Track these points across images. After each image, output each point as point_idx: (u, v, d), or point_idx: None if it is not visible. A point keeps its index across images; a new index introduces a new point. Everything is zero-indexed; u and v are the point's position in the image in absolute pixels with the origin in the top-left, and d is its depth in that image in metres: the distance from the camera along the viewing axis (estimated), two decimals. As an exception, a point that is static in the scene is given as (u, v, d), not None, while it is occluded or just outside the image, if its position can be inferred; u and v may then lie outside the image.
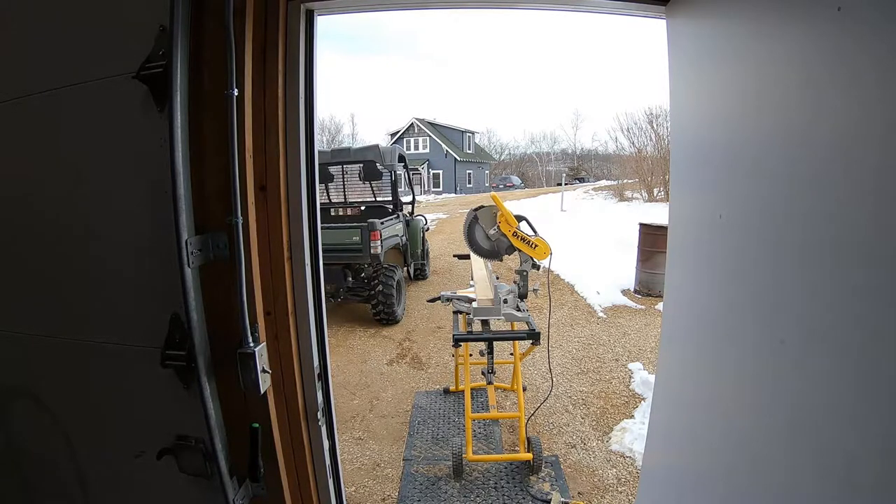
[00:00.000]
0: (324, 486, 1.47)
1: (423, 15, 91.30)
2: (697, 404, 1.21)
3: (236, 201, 1.10)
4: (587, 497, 2.50)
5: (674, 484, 1.35)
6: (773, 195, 0.84)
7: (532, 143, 46.32)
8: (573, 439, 3.05)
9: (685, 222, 1.33)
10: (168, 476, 1.19)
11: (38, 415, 1.32)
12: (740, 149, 0.96)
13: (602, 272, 6.62)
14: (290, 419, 1.36)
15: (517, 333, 2.81)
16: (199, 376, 1.09)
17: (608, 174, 29.14)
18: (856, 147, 0.64)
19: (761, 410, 0.87)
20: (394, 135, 32.35)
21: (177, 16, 0.99)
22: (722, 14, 1.04)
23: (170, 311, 1.11)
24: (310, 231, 1.35)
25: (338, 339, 5.06)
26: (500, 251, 2.69)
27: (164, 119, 1.01)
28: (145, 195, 1.09)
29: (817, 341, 0.71)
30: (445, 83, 72.99)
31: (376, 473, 2.79)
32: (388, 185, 6.58)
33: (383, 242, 5.24)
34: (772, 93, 0.84)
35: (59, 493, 1.39)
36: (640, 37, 59.63)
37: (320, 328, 1.41)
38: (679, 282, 1.38)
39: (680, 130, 1.33)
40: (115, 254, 1.17)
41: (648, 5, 1.32)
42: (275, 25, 1.21)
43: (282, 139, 1.25)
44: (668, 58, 1.32)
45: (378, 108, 71.01)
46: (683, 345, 1.33)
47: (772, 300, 0.84)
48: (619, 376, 3.91)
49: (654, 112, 16.58)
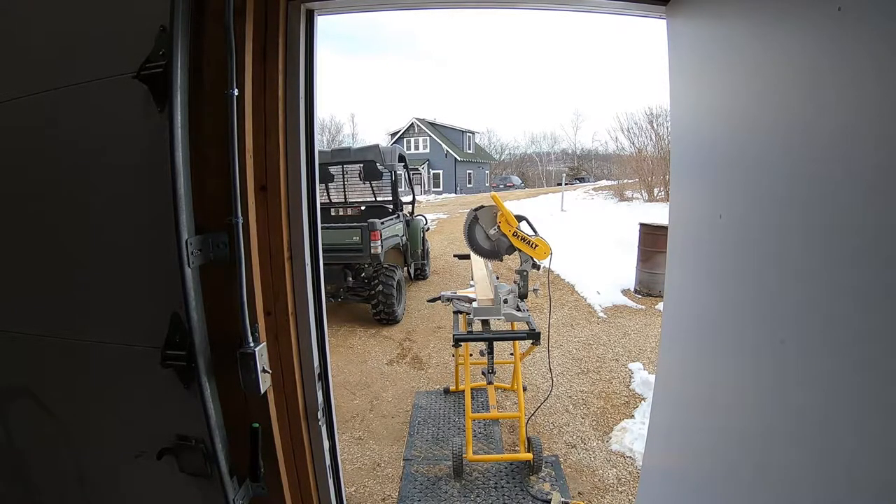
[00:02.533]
0: (324, 486, 1.47)
1: (422, 15, 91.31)
2: (697, 404, 1.21)
3: (236, 201, 1.10)
4: (587, 497, 2.50)
5: (674, 484, 1.35)
6: (773, 195, 0.84)
7: (532, 143, 46.43)
8: (573, 439, 3.05)
9: (685, 222, 1.33)
10: (168, 476, 1.19)
11: (37, 415, 1.32)
12: (740, 149, 0.96)
13: (602, 272, 6.62)
14: (291, 419, 1.36)
15: (517, 333, 2.81)
16: (200, 376, 1.09)
17: (608, 174, 29.13)
18: (856, 147, 0.64)
19: (761, 410, 0.87)
20: (394, 135, 32.35)
21: (177, 16, 0.99)
22: (722, 14, 1.04)
23: (170, 311, 1.11)
24: (310, 231, 1.35)
25: (338, 339, 5.06)
26: (501, 251, 2.69)
27: (164, 119, 1.01)
28: (145, 195, 1.09)
29: (817, 341, 0.71)
30: (445, 83, 73.12)
31: (376, 473, 2.79)
32: (388, 185, 6.59)
33: (383, 242, 5.24)
34: (772, 93, 0.83)
35: (60, 493, 1.39)
36: (640, 37, 59.66)
37: (320, 328, 1.41)
38: (679, 282, 1.38)
39: (680, 130, 1.33)
40: (115, 254, 1.17)
41: (648, 5, 1.32)
42: (275, 25, 1.21)
43: (282, 139, 1.25)
44: (668, 58, 1.32)
45: (378, 108, 71.11)
46: (683, 345, 1.33)
47: (772, 300, 0.84)
48: (619, 376, 3.91)
49: (654, 112, 16.62)
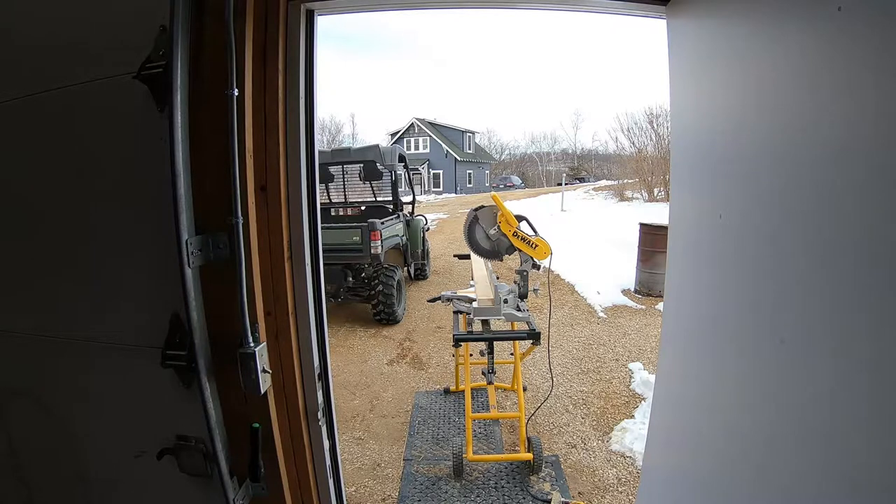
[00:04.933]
0: (324, 486, 1.46)
1: (422, 15, 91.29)
2: (697, 404, 1.21)
3: (236, 201, 1.10)
4: (587, 497, 2.50)
5: (674, 484, 1.35)
6: (773, 195, 0.84)
7: (532, 143, 46.35)
8: (573, 439, 3.05)
9: (685, 222, 1.33)
10: (168, 476, 1.19)
11: (37, 415, 1.32)
12: (740, 149, 0.96)
13: (602, 272, 6.62)
14: (291, 419, 1.36)
15: (517, 333, 2.81)
16: (200, 376, 1.09)
17: (608, 174, 29.10)
18: (856, 147, 0.63)
19: (761, 410, 0.87)
20: (394, 135, 32.35)
21: (177, 16, 0.98)
22: (722, 14, 1.04)
23: (170, 311, 1.11)
24: (310, 231, 1.35)
25: (338, 339, 5.06)
26: (501, 251, 2.69)
27: (164, 119, 1.01)
28: (145, 195, 1.09)
29: (817, 341, 0.71)
30: (445, 83, 73.08)
31: (377, 473, 2.79)
32: (388, 185, 6.59)
33: (383, 242, 5.24)
34: (772, 93, 0.83)
35: (60, 493, 1.39)
36: (640, 37, 59.65)
37: (321, 328, 1.41)
38: (679, 282, 1.38)
39: (680, 130, 1.33)
40: (116, 254, 1.17)
41: (648, 5, 1.31)
42: (275, 25, 1.21)
43: (282, 139, 1.25)
44: (668, 58, 1.32)
45: (378, 108, 71.10)
46: (683, 345, 1.33)
47: (772, 300, 0.83)
48: (619, 376, 3.92)
49: (655, 112, 16.61)
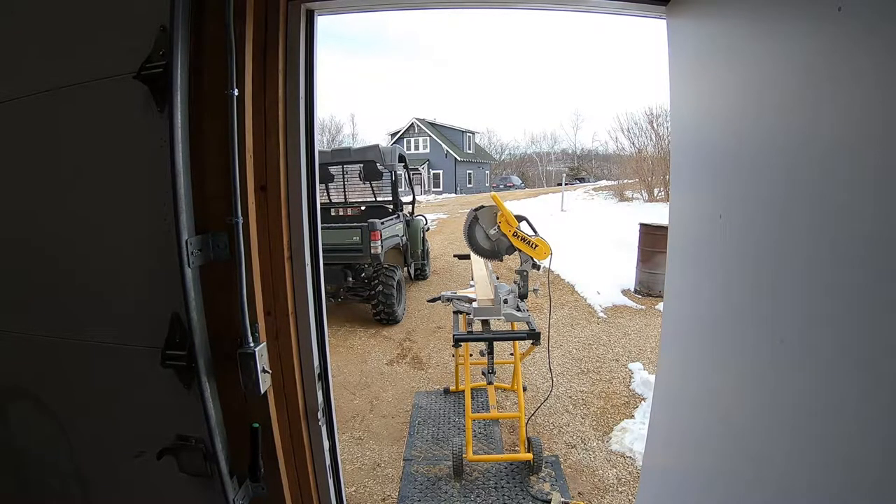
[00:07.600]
0: (324, 486, 1.47)
1: (423, 15, 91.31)
2: (697, 404, 1.21)
3: (236, 201, 1.10)
4: (587, 497, 2.50)
5: (674, 484, 1.35)
6: (773, 195, 0.84)
7: (532, 143, 46.27)
8: (573, 439, 3.05)
9: (685, 222, 1.33)
10: (168, 476, 1.19)
11: (38, 415, 1.32)
12: (740, 149, 0.96)
13: (602, 272, 6.62)
14: (291, 419, 1.36)
15: (517, 333, 2.81)
16: (200, 376, 1.09)
17: (608, 174, 29.08)
18: (856, 147, 0.64)
19: (761, 410, 0.87)
20: (394, 135, 32.34)
21: (177, 16, 0.99)
22: (722, 14, 1.04)
23: (170, 311, 1.11)
24: (310, 231, 1.35)
25: (338, 339, 5.06)
26: (501, 251, 2.69)
27: (164, 119, 1.01)
28: (145, 195, 1.09)
29: (817, 341, 0.71)
30: (445, 83, 72.99)
31: (376, 473, 2.79)
32: (388, 185, 6.59)
33: (383, 242, 5.24)
34: (772, 93, 0.83)
35: (60, 493, 1.39)
36: (640, 37, 59.66)
37: (320, 328, 1.41)
38: (679, 282, 1.38)
39: (680, 130, 1.33)
40: (116, 254, 1.17)
41: (648, 5, 1.32)
42: (275, 25, 1.21)
43: (282, 139, 1.25)
44: (668, 58, 1.32)
45: (378, 108, 71.05)
46: (683, 345, 1.33)
47: (772, 300, 0.84)
48: (619, 376, 3.91)
49: (654, 112, 16.58)
